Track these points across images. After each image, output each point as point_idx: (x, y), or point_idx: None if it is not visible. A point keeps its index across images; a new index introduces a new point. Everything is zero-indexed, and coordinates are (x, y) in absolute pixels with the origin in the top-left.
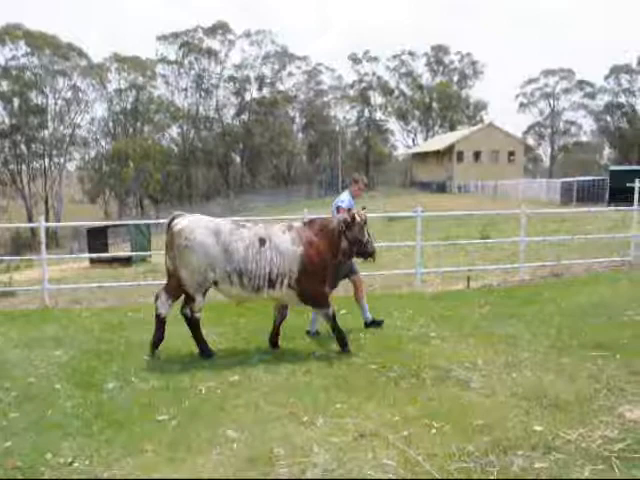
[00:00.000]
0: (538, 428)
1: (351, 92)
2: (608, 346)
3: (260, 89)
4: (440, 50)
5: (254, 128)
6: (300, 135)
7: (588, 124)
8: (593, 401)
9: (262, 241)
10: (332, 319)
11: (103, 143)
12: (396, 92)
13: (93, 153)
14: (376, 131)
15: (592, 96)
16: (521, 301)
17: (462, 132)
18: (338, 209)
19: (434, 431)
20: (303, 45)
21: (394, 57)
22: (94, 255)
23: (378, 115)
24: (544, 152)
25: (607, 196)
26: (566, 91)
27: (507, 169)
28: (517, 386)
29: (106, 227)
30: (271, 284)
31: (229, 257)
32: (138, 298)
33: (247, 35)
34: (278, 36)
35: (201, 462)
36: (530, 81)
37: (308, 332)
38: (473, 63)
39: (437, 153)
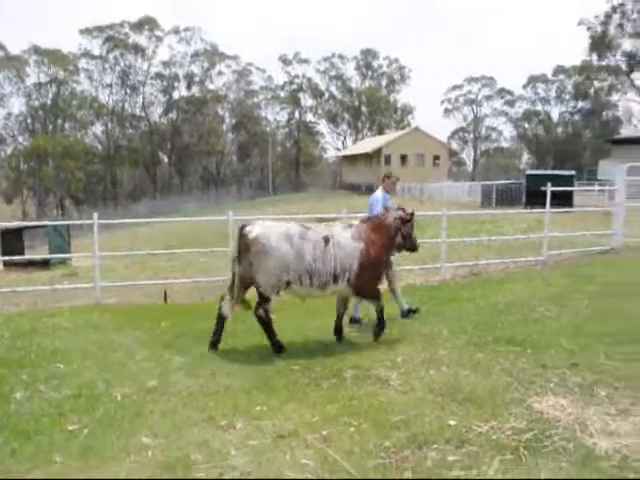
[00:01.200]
0: (452, 422)
1: (282, 93)
2: (520, 341)
3: (189, 87)
4: (369, 54)
5: (182, 127)
6: (230, 135)
7: (508, 130)
8: (505, 394)
9: (326, 240)
10: (382, 310)
11: (21, 140)
12: (326, 95)
13: (10, 150)
14: (306, 133)
15: (512, 104)
16: (442, 300)
17: (390, 136)
18: (385, 208)
19: (353, 429)
20: (233, 44)
21: (324, 60)
22: (7, 258)
23: (309, 117)
24: (467, 156)
25: (524, 199)
26: (488, 98)
27: (432, 172)
28: (434, 382)
29: (22, 228)
30: (335, 280)
31: (300, 259)
32: (54, 303)
33: (176, 32)
34: (208, 34)
35: (114, 470)
36: (454, 88)
37: (351, 320)
38: (401, 68)
39: (366, 156)
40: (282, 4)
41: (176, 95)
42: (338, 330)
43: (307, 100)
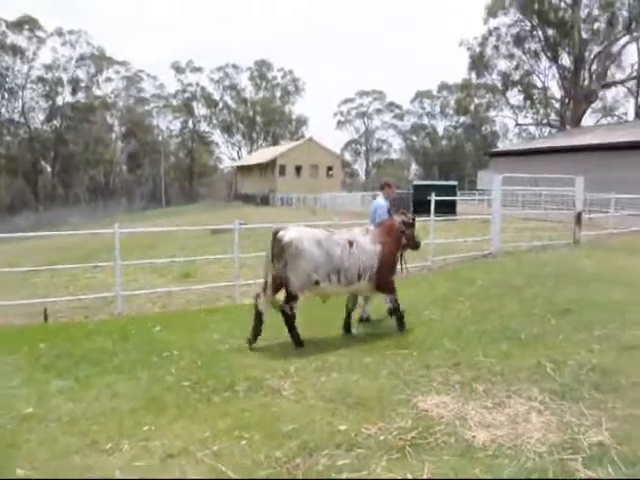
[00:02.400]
0: (342, 427)
1: (174, 102)
2: (407, 344)
3: (74, 93)
4: (263, 65)
5: (67, 134)
6: (119, 144)
7: (397, 142)
8: (392, 396)
9: (351, 243)
10: (397, 302)
11: None
12: (220, 104)
13: None
14: (201, 143)
15: (401, 117)
16: (335, 307)
17: (285, 146)
18: (389, 212)
19: (244, 442)
20: (122, 50)
21: (218, 69)
22: None
23: (203, 127)
24: (360, 167)
25: (411, 208)
26: (378, 111)
27: (326, 183)
28: (326, 389)
29: None
30: (359, 278)
31: (330, 260)
32: None
33: (59, 34)
34: (94, 37)
35: None
36: (347, 101)
37: (361, 319)
38: (295, 80)
39: (261, 166)
40: (174, 11)
41: (60, 101)
42: (347, 325)
43: (201, 109)
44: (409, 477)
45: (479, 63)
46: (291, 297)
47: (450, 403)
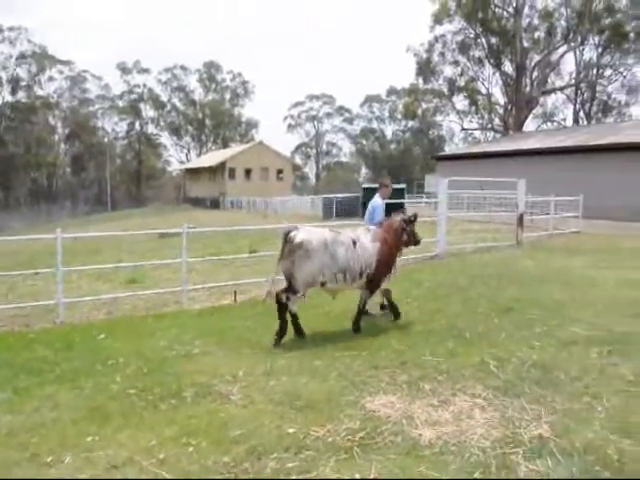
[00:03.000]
0: (291, 430)
1: (120, 103)
2: (356, 346)
3: (14, 93)
4: (212, 67)
5: (7, 135)
6: (63, 146)
7: (347, 146)
8: (340, 397)
9: (354, 242)
10: (366, 303)
11: None
12: (168, 106)
13: None
14: (148, 145)
15: (350, 121)
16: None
17: (234, 149)
18: (388, 213)
19: (191, 449)
20: (65, 49)
21: (166, 70)
22: None
23: (150, 129)
24: (310, 170)
25: (361, 210)
26: (328, 115)
27: (277, 186)
28: (275, 392)
29: None
30: (360, 275)
31: (335, 261)
32: None
33: None
34: (35, 35)
35: None
36: (297, 104)
37: (366, 312)
38: (244, 83)
39: (210, 169)
40: (119, 10)
41: None
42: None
43: (148, 111)
44: (357, 477)
45: (426, 69)
46: (291, 290)
47: (397, 403)
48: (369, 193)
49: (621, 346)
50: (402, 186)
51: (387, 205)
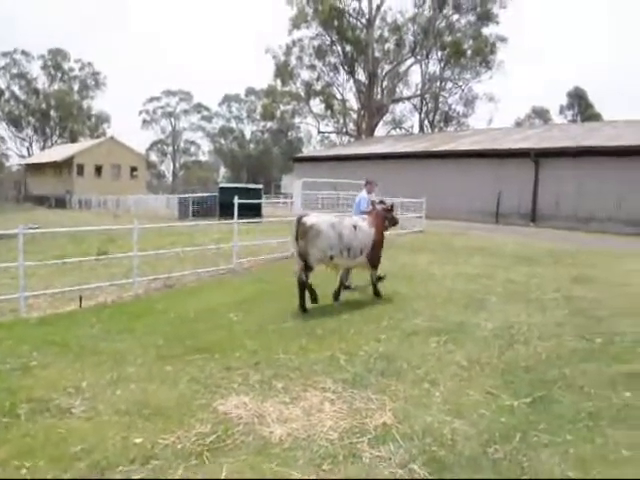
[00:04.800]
0: (138, 440)
1: None
2: (209, 348)
3: None
4: (59, 54)
5: None
6: None
7: (206, 144)
8: (192, 402)
9: (355, 227)
10: (377, 277)
11: None
12: (7, 94)
13: None
14: None
15: (209, 119)
16: (133, 316)
17: (83, 144)
18: (372, 203)
19: (25, 471)
20: None
21: (4, 55)
22: None
23: None
24: (167, 169)
25: (218, 210)
26: (186, 112)
27: (130, 184)
28: (121, 402)
29: None
30: (360, 253)
31: (341, 239)
32: None
33: None
34: None
35: None
36: (152, 99)
37: (347, 287)
38: (95, 74)
39: (56, 165)
40: None
41: None
42: (337, 294)
43: None
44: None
45: (284, 71)
46: (308, 268)
47: (249, 403)
48: (226, 193)
49: (456, 334)
50: (259, 186)
51: (245, 205)
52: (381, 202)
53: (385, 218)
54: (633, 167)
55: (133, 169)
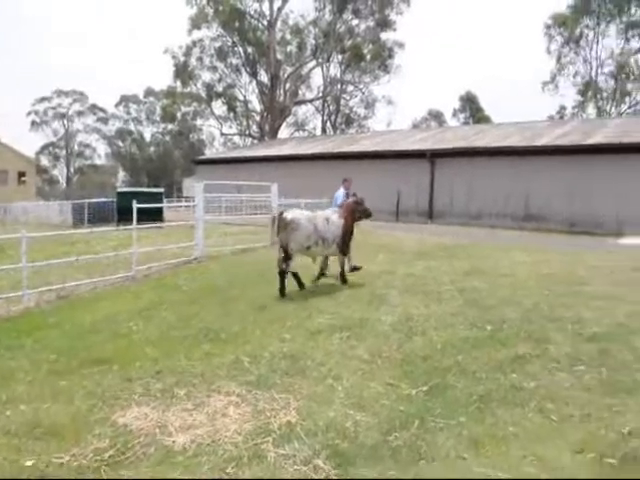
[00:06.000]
0: (29, 462)
1: None
2: (108, 359)
3: None
4: None
5: None
6: None
7: (103, 147)
8: (89, 417)
9: (327, 220)
10: (344, 264)
11: None
12: None
13: None
14: None
15: (105, 121)
16: (23, 331)
17: None
18: (347, 196)
19: None
20: None
21: None
22: None
23: None
24: (60, 173)
25: (116, 216)
26: (80, 114)
27: (18, 190)
28: (11, 424)
29: None
30: (332, 242)
31: (317, 231)
32: None
33: None
34: None
35: None
36: (43, 100)
37: (321, 275)
38: None
39: None
40: None
41: None
42: (318, 278)
43: None
44: None
45: (184, 72)
46: (288, 257)
47: (151, 413)
48: (125, 198)
49: (359, 330)
50: (160, 190)
51: (145, 210)
52: (354, 195)
53: (355, 211)
54: (518, 165)
55: (21, 174)
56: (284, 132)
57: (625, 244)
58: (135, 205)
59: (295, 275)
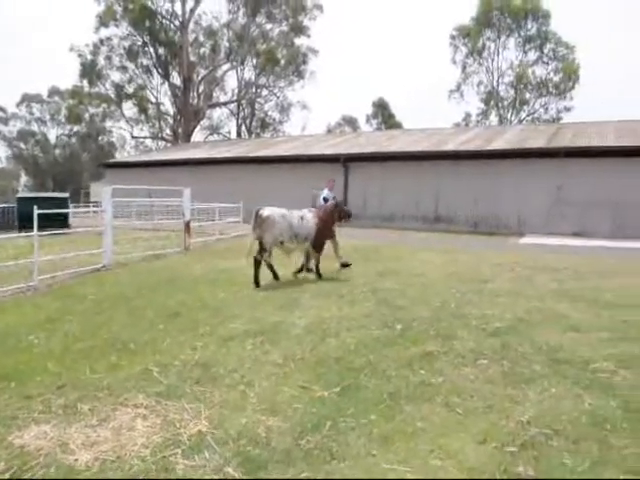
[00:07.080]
0: None
1: None
2: (5, 375)
3: None
4: None
5: None
6: None
7: (2, 150)
8: None
9: (302, 218)
10: (319, 259)
11: None
12: None
13: None
14: None
15: (5, 122)
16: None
17: None
18: (325, 199)
19: None
20: None
21: None
22: None
23: None
24: None
25: (17, 223)
26: None
27: None
28: None
29: None
30: (306, 239)
31: (291, 228)
32: None
33: None
34: None
35: None
36: None
37: (302, 270)
38: None
39: None
40: None
41: None
42: (300, 271)
43: None
44: None
45: (91, 72)
46: (263, 250)
47: (51, 431)
48: (26, 203)
49: (272, 334)
50: (65, 195)
51: (49, 216)
52: (334, 199)
53: (334, 212)
54: (427, 170)
55: None
56: (198, 135)
57: (525, 243)
58: (36, 211)
59: (270, 266)
